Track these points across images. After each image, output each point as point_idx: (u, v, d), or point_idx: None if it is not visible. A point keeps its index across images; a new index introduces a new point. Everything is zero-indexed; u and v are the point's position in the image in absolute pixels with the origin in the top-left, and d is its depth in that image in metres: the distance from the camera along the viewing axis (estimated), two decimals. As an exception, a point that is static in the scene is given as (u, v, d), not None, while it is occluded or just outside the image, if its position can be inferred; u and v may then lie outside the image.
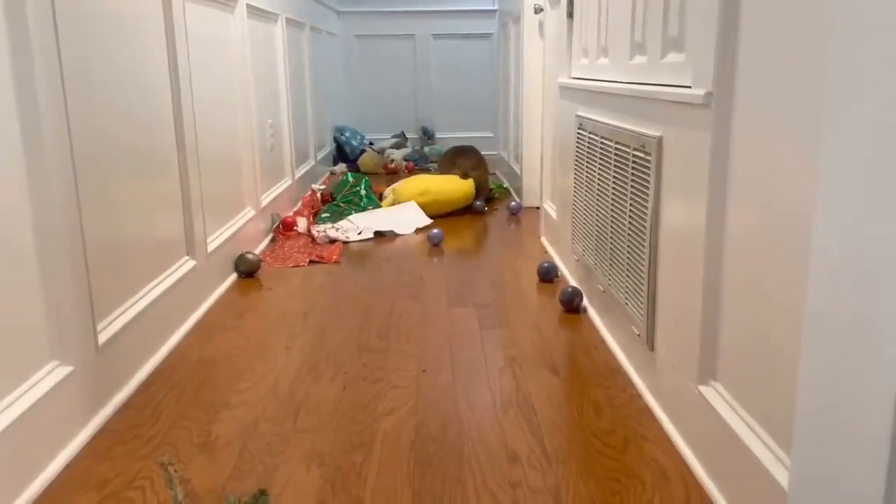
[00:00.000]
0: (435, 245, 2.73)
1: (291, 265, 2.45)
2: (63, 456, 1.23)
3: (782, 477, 0.89)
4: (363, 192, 3.24)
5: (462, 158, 3.62)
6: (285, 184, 3.21)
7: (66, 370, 1.26)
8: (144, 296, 1.64)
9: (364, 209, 3.16)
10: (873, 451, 0.54)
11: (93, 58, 1.41)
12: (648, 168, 1.37)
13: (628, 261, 1.53)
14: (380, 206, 3.23)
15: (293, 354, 1.70)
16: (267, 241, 2.77)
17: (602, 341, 1.75)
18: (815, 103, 0.83)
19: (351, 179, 3.33)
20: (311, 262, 2.49)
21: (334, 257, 2.54)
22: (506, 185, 3.94)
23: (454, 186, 3.25)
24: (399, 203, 3.16)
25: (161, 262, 1.77)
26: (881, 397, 0.53)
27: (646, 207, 1.40)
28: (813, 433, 0.64)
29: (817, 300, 0.60)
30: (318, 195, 3.34)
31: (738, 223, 1.04)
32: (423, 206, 3.14)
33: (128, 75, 1.58)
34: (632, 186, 1.48)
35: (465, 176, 3.39)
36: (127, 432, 1.34)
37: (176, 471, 0.71)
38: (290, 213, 2.92)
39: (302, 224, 2.88)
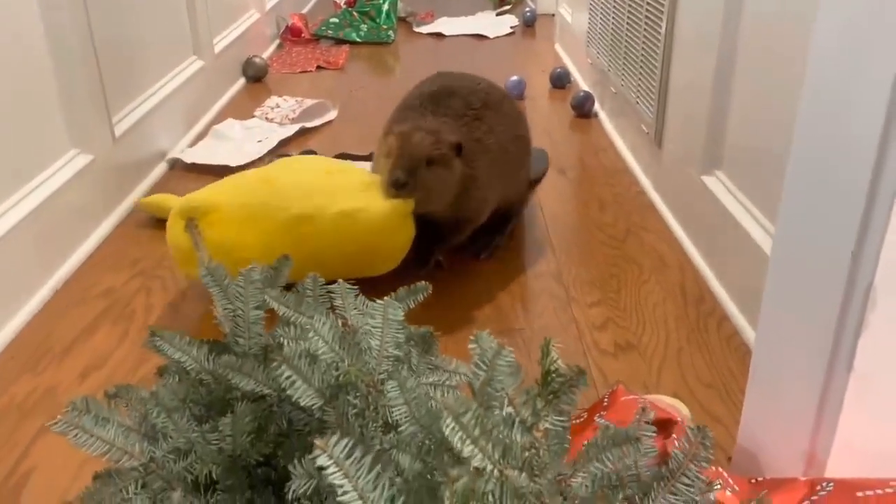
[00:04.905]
0: (517, 97, 2.07)
1: (299, 70, 2.42)
2: (93, 238, 1.30)
3: (769, 247, 0.93)
4: (385, 8, 2.88)
5: (415, 123, 1.14)
6: (290, -13, 3.08)
7: (86, 158, 1.29)
8: (156, 92, 1.64)
9: (378, 27, 2.84)
10: (850, 202, 0.58)
11: None
12: (670, -45, 1.31)
13: (642, 58, 1.50)
14: (392, 31, 2.84)
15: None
16: (274, 46, 2.71)
17: (611, 144, 1.76)
18: None
19: None
20: (318, 67, 2.45)
21: (341, 62, 2.50)
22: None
23: (325, 216, 1.05)
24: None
25: (169, 59, 1.75)
26: (862, 154, 0.55)
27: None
28: (799, 187, 0.68)
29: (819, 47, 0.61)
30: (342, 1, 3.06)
31: (755, 5, 1.02)
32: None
33: None
34: (651, -22, 1.43)
35: (399, 186, 1.05)
36: (152, 220, 1.40)
37: (200, 233, 0.76)
38: (297, 18, 2.82)
39: None
